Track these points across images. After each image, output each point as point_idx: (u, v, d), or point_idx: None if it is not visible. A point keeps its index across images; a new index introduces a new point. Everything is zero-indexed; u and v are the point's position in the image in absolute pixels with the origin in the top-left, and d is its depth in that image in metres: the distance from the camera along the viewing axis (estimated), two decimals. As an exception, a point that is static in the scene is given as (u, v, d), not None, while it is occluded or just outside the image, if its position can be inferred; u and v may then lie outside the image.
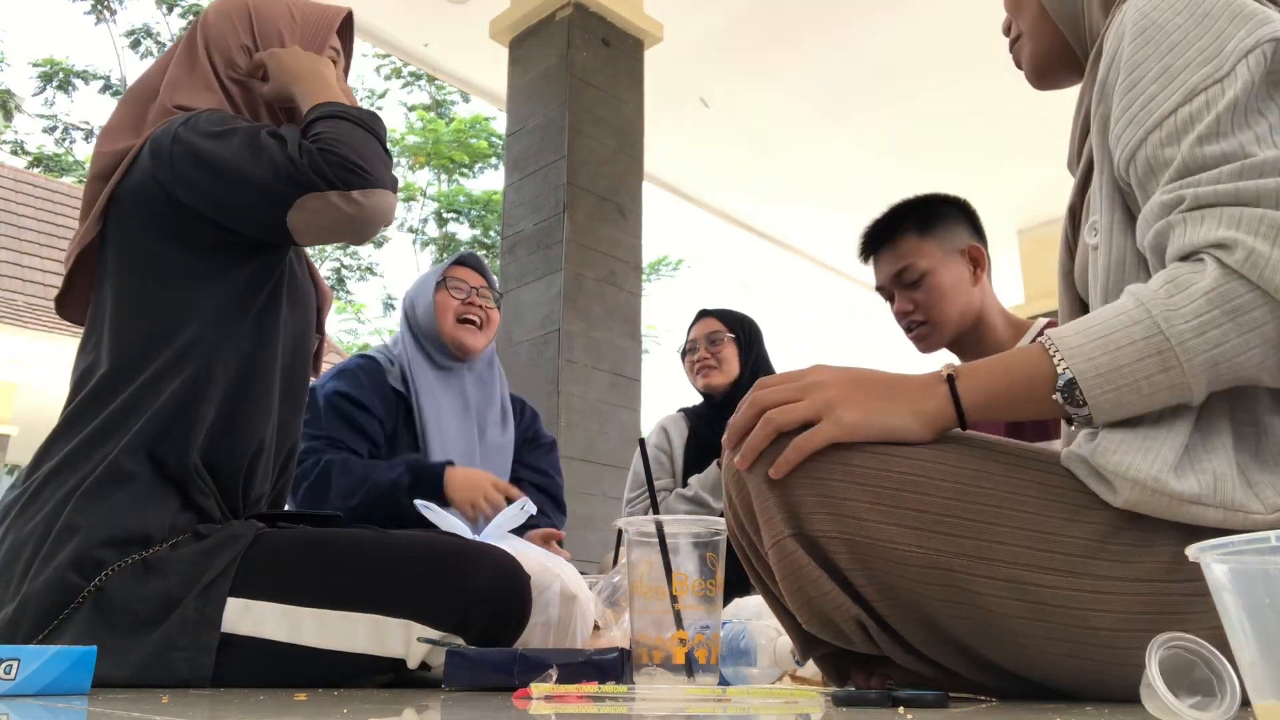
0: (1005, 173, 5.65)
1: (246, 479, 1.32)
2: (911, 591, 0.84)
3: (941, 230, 1.80)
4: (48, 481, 1.21)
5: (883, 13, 4.47)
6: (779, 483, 0.87)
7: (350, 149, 1.26)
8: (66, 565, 1.14)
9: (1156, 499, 0.78)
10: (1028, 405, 0.85)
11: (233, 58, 1.43)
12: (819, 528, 0.85)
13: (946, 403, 0.87)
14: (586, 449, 3.60)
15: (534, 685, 0.82)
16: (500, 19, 4.27)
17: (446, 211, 15.19)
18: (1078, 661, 0.82)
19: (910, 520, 0.83)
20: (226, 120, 1.31)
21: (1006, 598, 0.82)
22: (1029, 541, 0.82)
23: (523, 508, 1.63)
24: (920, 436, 0.87)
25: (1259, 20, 0.83)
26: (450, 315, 2.09)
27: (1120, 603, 0.80)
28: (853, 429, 0.86)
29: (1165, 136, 0.83)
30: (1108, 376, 0.79)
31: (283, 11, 1.48)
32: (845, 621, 0.87)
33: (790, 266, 7.46)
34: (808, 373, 0.90)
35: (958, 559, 0.82)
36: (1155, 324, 0.78)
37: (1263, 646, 0.55)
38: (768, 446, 0.87)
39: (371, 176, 1.26)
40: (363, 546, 1.23)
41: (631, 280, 3.93)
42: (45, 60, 15.70)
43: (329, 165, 1.23)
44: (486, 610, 1.22)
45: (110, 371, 1.26)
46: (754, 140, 5.53)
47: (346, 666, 1.18)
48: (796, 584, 0.86)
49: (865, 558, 0.84)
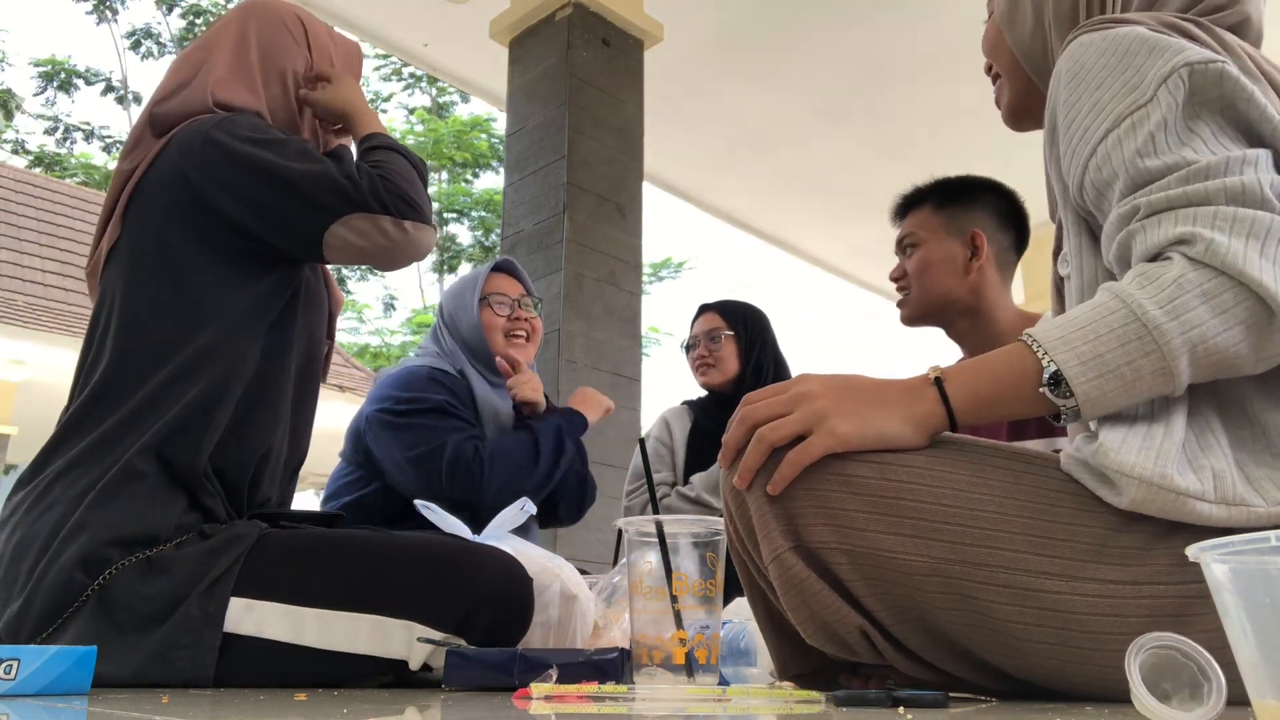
0: (1005, 173, 5.63)
1: (254, 483, 1.32)
2: (913, 600, 0.84)
3: (955, 209, 1.84)
4: (58, 480, 1.21)
5: (883, 13, 4.47)
6: (777, 497, 0.87)
7: (406, 182, 1.31)
8: (73, 564, 1.14)
9: (1162, 496, 0.78)
10: (1016, 403, 0.85)
11: (286, 66, 1.44)
12: (818, 539, 0.86)
13: (936, 405, 0.87)
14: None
15: (534, 685, 0.82)
16: (500, 19, 4.27)
17: (447, 211, 15.19)
18: (1081, 665, 0.82)
19: (909, 529, 0.84)
20: (270, 129, 1.32)
21: (1009, 603, 0.82)
22: (1029, 546, 0.82)
23: (522, 508, 1.63)
24: (913, 441, 0.87)
25: (1174, 50, 0.89)
26: (499, 334, 2.06)
27: (1122, 606, 0.80)
28: (846, 439, 0.86)
29: (1101, 160, 0.89)
30: (1091, 364, 0.80)
31: (325, 33, 1.53)
32: (849, 632, 0.87)
33: (790, 266, 7.46)
34: (795, 383, 0.91)
35: (958, 566, 0.83)
36: (1131, 312, 0.80)
37: (1263, 646, 0.55)
38: (763, 463, 0.88)
39: (425, 212, 1.31)
40: (366, 547, 1.23)
41: (631, 280, 3.93)
42: (46, 60, 15.72)
43: (387, 192, 1.27)
44: (489, 612, 1.22)
45: (121, 371, 1.25)
46: (754, 140, 5.53)
47: (348, 667, 1.18)
48: (799, 597, 0.87)
49: (865, 567, 0.84)
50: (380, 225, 1.26)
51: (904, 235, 1.87)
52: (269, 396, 1.33)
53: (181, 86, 1.40)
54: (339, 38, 1.56)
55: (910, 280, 1.84)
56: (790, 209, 6.33)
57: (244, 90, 1.40)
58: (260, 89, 1.41)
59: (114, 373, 1.25)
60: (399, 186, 1.28)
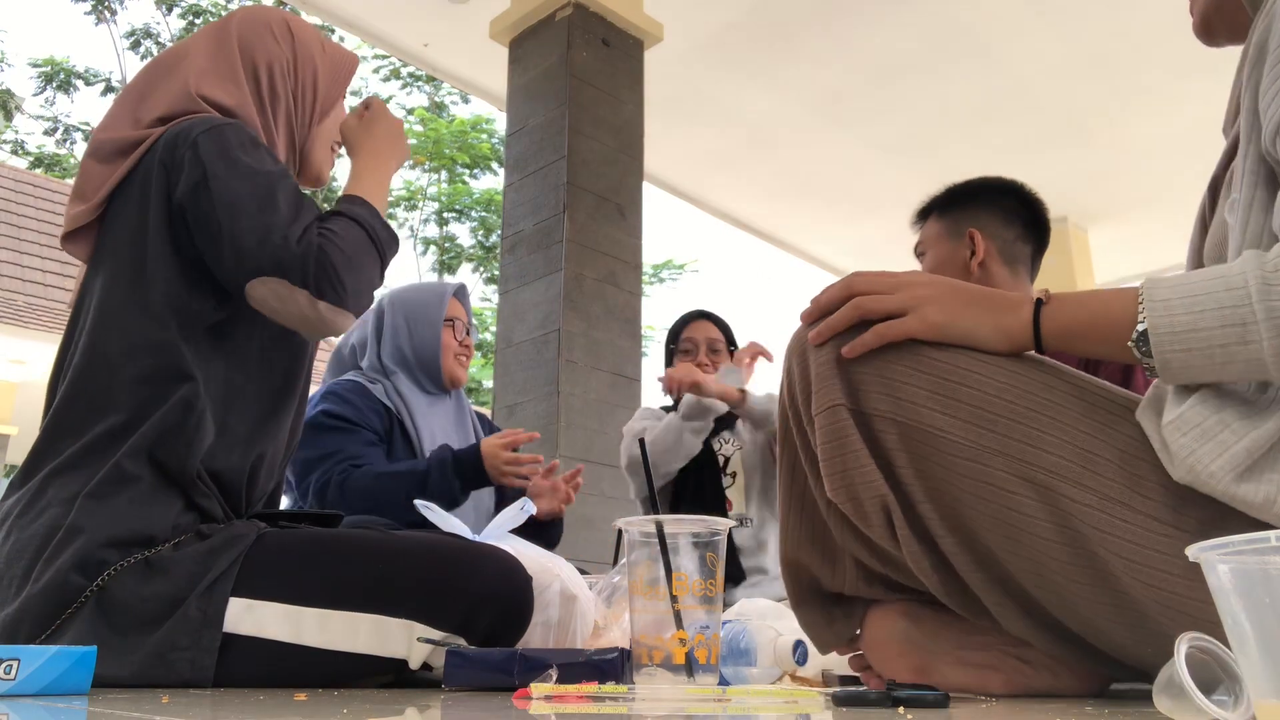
0: (1005, 172, 5.64)
1: (250, 481, 1.32)
2: (949, 483, 0.86)
3: (956, 213, 1.88)
4: (50, 483, 1.20)
5: (883, 13, 4.47)
6: (845, 360, 0.89)
7: (347, 263, 1.25)
8: (70, 566, 1.14)
9: (1209, 490, 0.77)
10: (1105, 345, 0.84)
11: (260, 62, 1.42)
12: (874, 406, 0.88)
13: (1028, 324, 0.88)
14: (586, 449, 3.60)
15: (534, 685, 0.82)
16: (500, 19, 4.27)
17: (447, 212, 15.19)
18: (1088, 588, 0.82)
19: (964, 414, 0.85)
20: (257, 149, 1.29)
21: (1038, 502, 0.83)
22: (1073, 458, 0.83)
23: (522, 508, 1.63)
24: (996, 348, 0.88)
25: None
26: (451, 354, 2.25)
27: (1146, 538, 0.80)
28: (937, 328, 0.88)
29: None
30: (1181, 336, 0.77)
31: (315, 41, 1.49)
32: (870, 500, 0.89)
33: (790, 266, 7.46)
34: (906, 273, 0.93)
35: (1000, 457, 0.84)
36: (1249, 293, 0.75)
37: (1263, 646, 0.55)
38: (848, 329, 0.90)
39: (347, 299, 1.25)
40: (365, 547, 1.23)
41: (631, 280, 3.93)
42: (46, 60, 15.72)
43: (318, 265, 1.22)
44: (489, 611, 1.21)
45: (95, 370, 1.24)
46: (754, 140, 5.53)
47: (348, 666, 1.18)
48: (837, 451, 0.89)
49: (913, 442, 0.87)
50: (295, 296, 1.23)
51: (916, 246, 1.93)
52: (259, 397, 1.32)
53: (161, 80, 1.38)
54: (332, 48, 1.53)
55: None
56: (790, 209, 6.33)
57: (228, 83, 1.38)
58: (242, 83, 1.40)
59: (91, 370, 1.24)
60: (332, 263, 1.23)
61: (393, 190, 15.22)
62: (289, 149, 1.47)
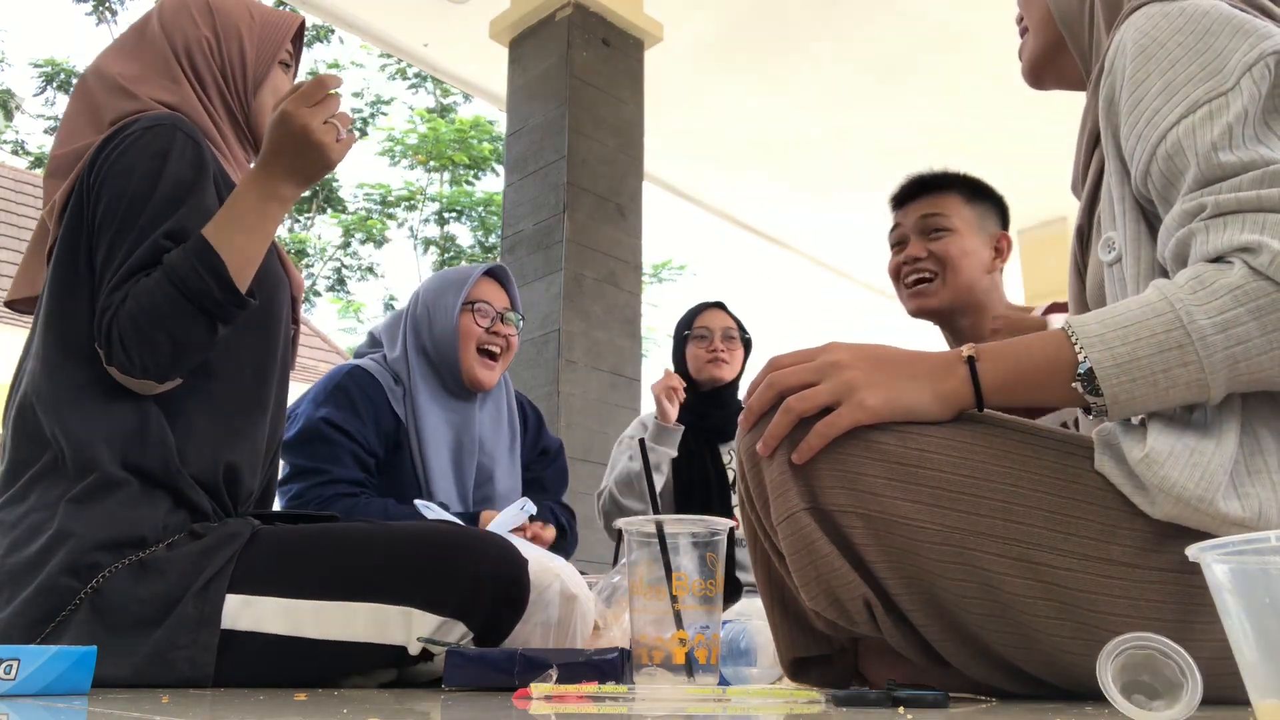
0: (1005, 172, 5.62)
1: (232, 479, 1.30)
2: (924, 569, 0.84)
3: (982, 209, 1.85)
4: (32, 488, 1.19)
5: (883, 13, 4.47)
6: (796, 464, 0.87)
7: (134, 332, 1.16)
8: (59, 570, 1.13)
9: (1199, 517, 0.77)
10: (1047, 391, 0.84)
11: (193, 49, 1.39)
12: (834, 502, 0.86)
13: (966, 384, 0.86)
14: (586, 449, 3.60)
15: (534, 685, 0.82)
16: (500, 19, 4.27)
17: (447, 212, 15.18)
18: (1084, 645, 0.82)
19: (927, 497, 0.84)
20: (174, 180, 1.25)
21: (1018, 577, 0.82)
22: (1043, 522, 0.82)
23: (523, 508, 1.63)
24: (939, 416, 0.87)
25: (1260, 34, 0.83)
26: (472, 345, 1.93)
27: (1134, 589, 0.80)
28: (875, 412, 0.86)
29: (1172, 148, 0.83)
30: (1125, 367, 0.78)
31: (242, 11, 1.45)
32: (852, 600, 0.87)
33: (790, 266, 7.46)
34: (823, 351, 0.90)
35: (972, 536, 0.83)
36: (1177, 317, 0.77)
37: (1263, 646, 0.55)
38: (789, 433, 0.88)
39: (135, 370, 1.18)
40: (359, 537, 1.23)
41: (631, 280, 3.93)
42: (46, 60, 15.68)
43: (107, 333, 1.18)
44: (486, 595, 1.22)
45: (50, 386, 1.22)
46: (754, 140, 5.53)
47: (348, 657, 1.18)
48: (808, 558, 0.87)
49: (880, 533, 0.84)
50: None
51: (933, 213, 1.80)
52: (234, 395, 1.31)
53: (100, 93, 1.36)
54: (264, 12, 1.46)
55: (938, 264, 1.78)
56: (790, 209, 6.32)
57: (165, 80, 1.36)
58: (181, 77, 1.37)
59: (40, 382, 1.23)
60: (118, 333, 1.17)
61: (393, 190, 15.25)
62: (234, 127, 1.44)
